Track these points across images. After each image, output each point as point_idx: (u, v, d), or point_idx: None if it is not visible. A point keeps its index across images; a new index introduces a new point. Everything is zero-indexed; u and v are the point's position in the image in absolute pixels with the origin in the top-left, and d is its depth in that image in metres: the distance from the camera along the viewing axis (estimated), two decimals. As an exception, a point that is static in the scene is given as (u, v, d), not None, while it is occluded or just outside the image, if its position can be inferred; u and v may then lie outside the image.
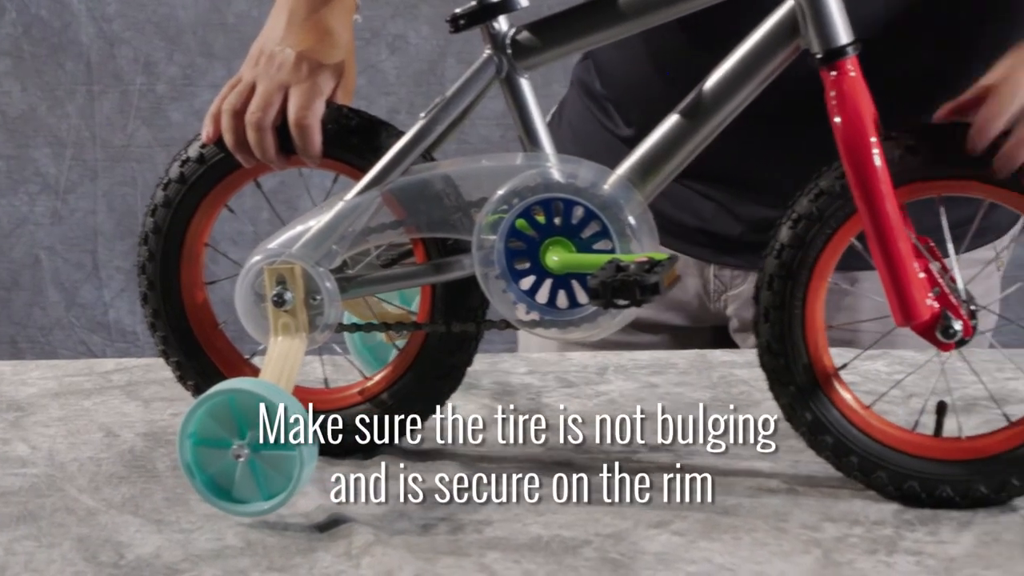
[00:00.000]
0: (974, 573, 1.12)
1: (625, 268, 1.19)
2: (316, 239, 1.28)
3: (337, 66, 1.33)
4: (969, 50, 1.46)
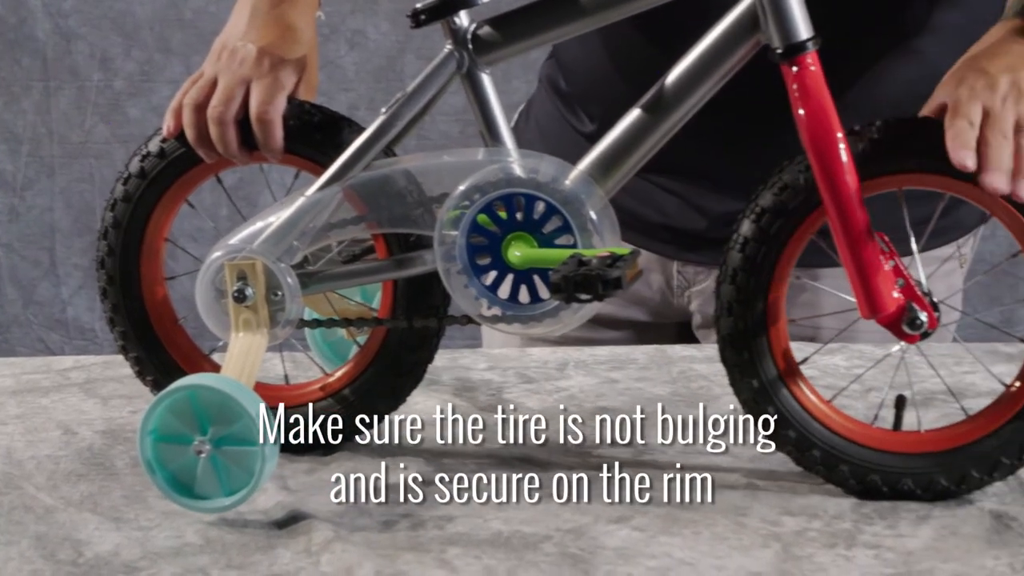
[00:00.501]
0: (932, 566, 1.13)
1: (587, 263, 1.19)
2: (277, 235, 1.28)
3: (299, 61, 1.33)
4: (922, 48, 1.47)
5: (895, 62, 1.47)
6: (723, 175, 1.53)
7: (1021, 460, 1.23)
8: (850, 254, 1.20)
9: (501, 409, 1.44)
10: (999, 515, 1.20)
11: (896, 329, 1.22)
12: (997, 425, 1.23)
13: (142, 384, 1.38)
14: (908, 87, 1.43)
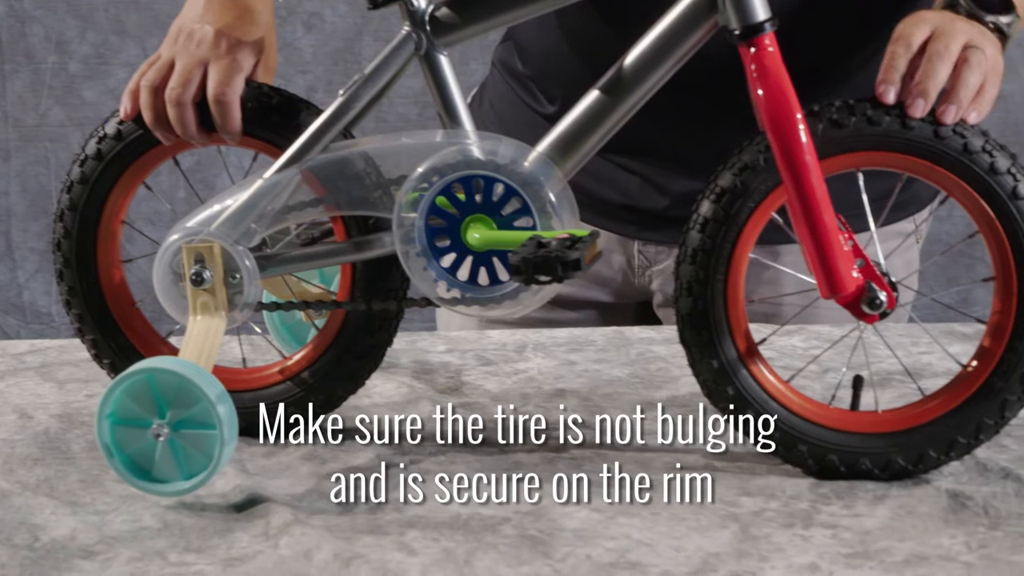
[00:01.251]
0: (889, 545, 1.13)
1: (546, 245, 1.19)
2: (235, 217, 1.27)
3: (257, 43, 1.32)
4: (879, 32, 1.47)
5: (850, 44, 1.47)
6: (683, 154, 1.54)
7: (977, 439, 1.24)
8: (810, 234, 1.20)
9: (458, 392, 1.44)
10: (955, 494, 1.21)
11: (855, 309, 1.22)
12: (953, 405, 1.24)
13: (99, 367, 1.38)
14: (870, 72, 1.44)
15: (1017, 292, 1.21)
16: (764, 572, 1.10)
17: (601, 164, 1.24)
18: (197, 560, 1.12)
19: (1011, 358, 1.22)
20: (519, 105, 1.61)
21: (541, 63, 1.59)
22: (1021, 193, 1.20)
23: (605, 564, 1.11)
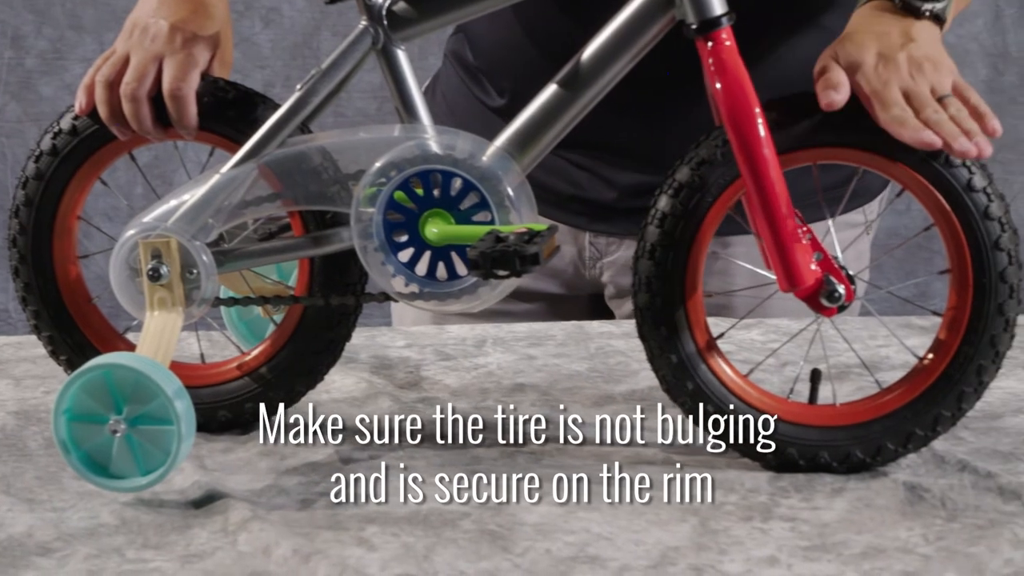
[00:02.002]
0: (847, 538, 1.14)
1: (504, 239, 1.19)
2: (192, 212, 1.27)
3: (212, 38, 1.31)
4: (829, 24, 1.48)
5: (804, 39, 1.48)
6: (632, 147, 1.54)
7: (935, 431, 1.24)
8: (769, 228, 1.20)
9: (418, 387, 1.44)
10: (913, 486, 1.21)
11: (814, 302, 1.23)
12: (911, 397, 1.24)
13: (55, 364, 1.37)
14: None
15: (973, 284, 1.22)
16: (723, 565, 1.10)
17: (549, 157, 1.24)
18: (155, 557, 1.12)
19: (967, 350, 1.23)
20: (469, 97, 1.61)
21: (492, 55, 1.59)
22: (975, 185, 1.21)
23: (565, 558, 1.11)
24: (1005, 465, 1.25)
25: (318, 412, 1.35)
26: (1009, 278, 1.22)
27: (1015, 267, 1.22)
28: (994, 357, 1.23)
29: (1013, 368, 1.46)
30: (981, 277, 1.22)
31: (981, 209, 1.21)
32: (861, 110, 1.21)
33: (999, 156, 2.87)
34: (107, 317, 1.37)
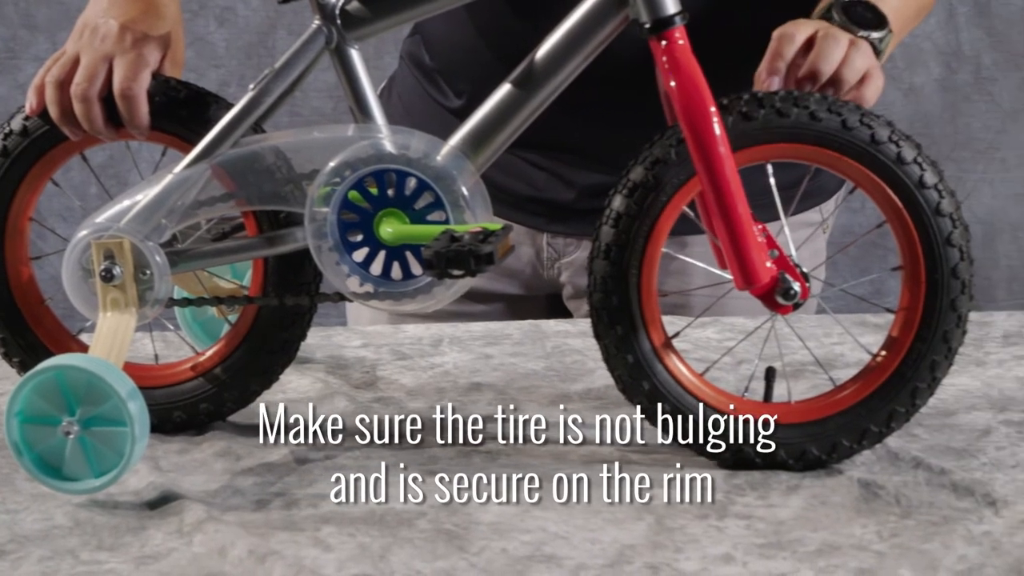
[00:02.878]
0: (802, 535, 1.14)
1: (459, 238, 1.19)
2: (145, 213, 1.26)
3: (163, 37, 1.31)
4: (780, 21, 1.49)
5: (758, 43, 1.48)
6: (589, 148, 1.54)
7: (889, 428, 1.25)
8: (725, 226, 1.21)
9: (374, 386, 1.44)
10: (867, 484, 1.22)
11: (769, 300, 1.23)
12: (865, 394, 1.25)
13: (8, 366, 1.36)
14: None
15: (925, 281, 1.22)
16: (679, 563, 1.10)
17: (506, 157, 1.24)
18: (109, 558, 1.11)
19: (920, 347, 1.23)
20: (425, 98, 1.61)
21: (448, 57, 1.59)
22: (927, 182, 1.22)
23: (521, 557, 1.11)
24: (958, 462, 1.26)
25: (278, 412, 1.35)
26: (961, 274, 1.22)
27: (967, 263, 1.22)
28: (947, 353, 1.24)
29: (966, 365, 1.47)
30: (933, 273, 1.22)
31: (932, 206, 1.22)
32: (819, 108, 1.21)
33: (952, 154, 2.89)
34: (60, 318, 1.37)
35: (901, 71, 2.83)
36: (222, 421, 1.34)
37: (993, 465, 1.25)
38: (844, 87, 1.27)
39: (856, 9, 1.31)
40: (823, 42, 1.27)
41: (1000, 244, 2.94)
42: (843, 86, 1.27)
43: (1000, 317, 1.62)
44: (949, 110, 2.86)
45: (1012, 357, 1.50)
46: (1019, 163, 2.92)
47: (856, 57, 1.27)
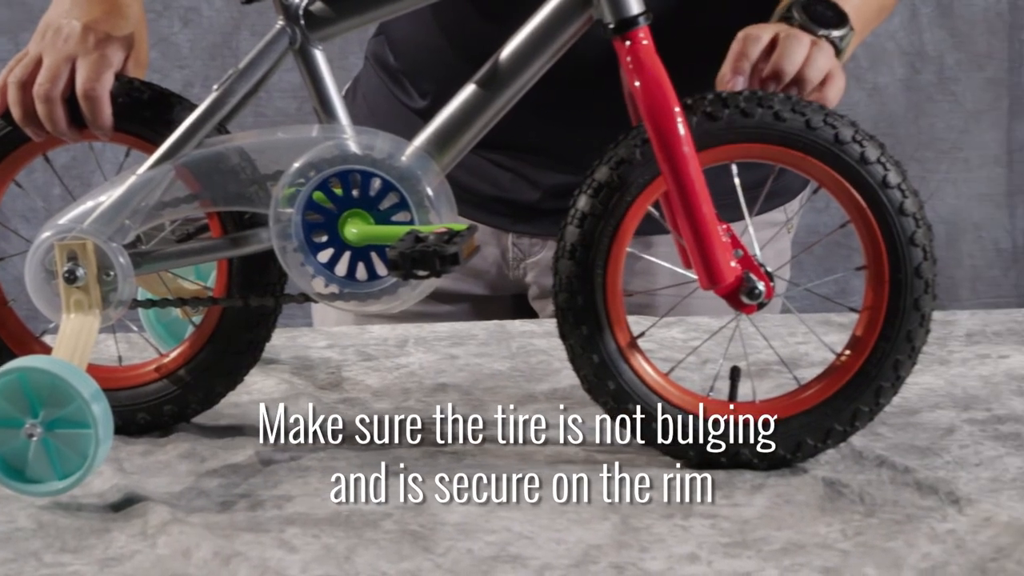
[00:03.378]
0: (767, 534, 1.14)
1: (424, 239, 1.19)
2: (108, 214, 1.26)
3: (126, 38, 1.31)
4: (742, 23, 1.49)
5: (719, 43, 1.49)
6: (553, 148, 1.54)
7: (853, 427, 1.25)
8: (689, 226, 1.21)
9: (339, 387, 1.44)
10: (831, 482, 1.22)
11: (734, 300, 1.23)
12: (829, 393, 1.25)
13: (-29, 368, 1.36)
14: None
15: (889, 281, 1.23)
16: (644, 563, 1.10)
17: (471, 158, 1.25)
18: (73, 561, 1.11)
19: (884, 346, 1.24)
20: (390, 98, 1.61)
21: (413, 57, 1.59)
22: (890, 182, 1.22)
23: (486, 557, 1.11)
24: (922, 460, 1.26)
25: (241, 414, 1.35)
26: (924, 273, 1.23)
27: (930, 263, 1.23)
28: (910, 352, 1.24)
29: (929, 364, 1.47)
30: (897, 273, 1.23)
31: (896, 205, 1.22)
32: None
33: (916, 154, 2.90)
34: (23, 320, 1.36)
35: (865, 71, 2.84)
36: (187, 423, 1.34)
37: (957, 463, 1.26)
38: (807, 87, 1.28)
39: (816, 8, 1.32)
40: (786, 42, 1.28)
41: (963, 244, 2.95)
42: (806, 86, 1.28)
43: (963, 316, 1.63)
44: (913, 110, 2.87)
45: (975, 356, 1.51)
46: (982, 163, 2.94)
47: (819, 57, 1.28)
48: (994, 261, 2.96)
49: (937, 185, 2.92)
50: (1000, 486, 1.21)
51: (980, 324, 1.60)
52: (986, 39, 2.89)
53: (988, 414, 1.36)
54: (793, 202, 1.63)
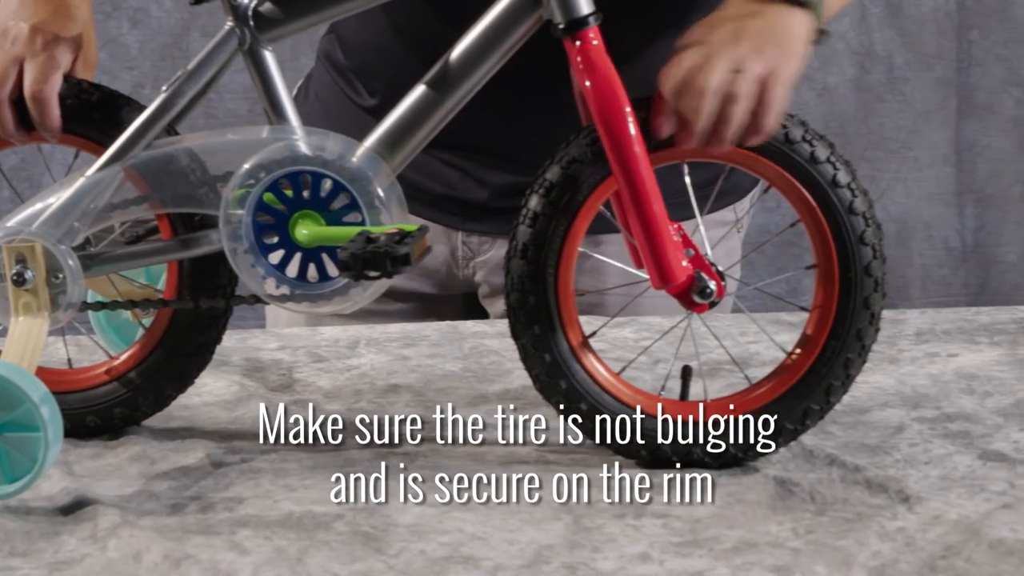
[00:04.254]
0: (718, 533, 1.15)
1: (375, 240, 1.19)
2: (57, 216, 1.25)
3: (74, 39, 1.30)
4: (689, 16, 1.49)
5: (667, 38, 1.49)
6: (501, 148, 1.54)
7: (804, 426, 1.26)
8: (641, 225, 1.21)
9: (291, 389, 1.44)
10: (783, 481, 1.23)
11: (685, 299, 1.24)
12: (780, 392, 1.26)
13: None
14: None
15: (838, 279, 1.24)
16: (596, 563, 1.11)
17: (420, 157, 1.24)
18: (23, 564, 1.10)
19: (834, 345, 1.24)
20: (341, 97, 1.61)
21: (363, 56, 1.59)
22: (840, 181, 1.23)
23: (439, 559, 1.11)
24: (872, 458, 1.27)
25: (191, 417, 1.34)
26: (874, 272, 1.23)
27: (880, 261, 1.24)
28: (860, 351, 1.25)
29: (879, 362, 1.48)
30: (846, 272, 1.23)
31: (846, 204, 1.23)
32: None
33: (867, 154, 2.92)
34: (-28, 323, 1.35)
35: (815, 71, 2.85)
36: (137, 425, 1.33)
37: (906, 462, 1.27)
38: (723, 143, 1.22)
39: None
40: (693, 107, 1.21)
41: (914, 242, 2.97)
42: (724, 141, 1.22)
43: (913, 315, 1.63)
44: (862, 110, 2.88)
45: (925, 354, 1.51)
46: (932, 162, 2.96)
47: (733, 107, 1.21)
48: (944, 260, 2.98)
49: (887, 184, 2.93)
50: (949, 484, 1.22)
51: (930, 323, 1.60)
52: (935, 39, 2.90)
53: (937, 412, 1.37)
54: (743, 201, 1.63)
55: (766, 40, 1.23)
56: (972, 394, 1.41)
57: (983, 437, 1.31)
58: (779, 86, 1.22)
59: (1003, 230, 2.98)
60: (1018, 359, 1.50)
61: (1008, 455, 1.28)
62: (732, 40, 1.23)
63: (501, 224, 1.24)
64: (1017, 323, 1.59)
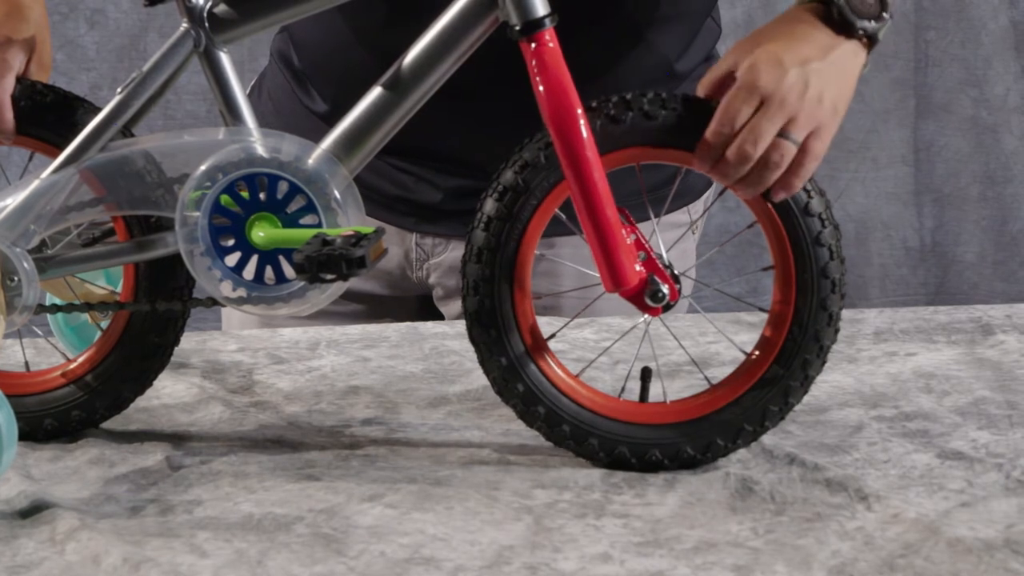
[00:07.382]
0: (679, 533, 1.15)
1: (331, 242, 1.19)
2: (12, 218, 1.25)
3: (27, 41, 1.29)
4: (650, 38, 1.49)
5: (627, 50, 1.49)
6: (454, 151, 1.54)
7: (763, 426, 1.26)
8: (593, 229, 1.21)
9: (250, 390, 1.43)
10: (743, 480, 1.23)
11: (639, 302, 1.24)
12: (739, 393, 1.26)
13: None
14: (640, 75, 1.46)
15: (795, 280, 1.24)
16: (557, 563, 1.11)
17: (375, 162, 1.24)
18: (-21, 570, 1.10)
19: (791, 346, 1.24)
20: (294, 98, 1.60)
21: (316, 58, 1.58)
22: (797, 183, 1.23)
23: (400, 560, 1.11)
24: (832, 458, 1.27)
25: (150, 419, 1.34)
26: (831, 273, 1.24)
27: (837, 262, 1.24)
28: (819, 351, 1.25)
29: (838, 362, 1.48)
30: (803, 273, 1.24)
31: (801, 205, 1.23)
32: (687, 111, 1.22)
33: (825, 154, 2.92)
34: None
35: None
36: (95, 428, 1.33)
37: (865, 461, 1.27)
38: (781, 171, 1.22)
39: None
40: (739, 163, 1.21)
41: (872, 242, 2.98)
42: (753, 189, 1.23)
43: (871, 314, 1.64)
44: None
45: (883, 354, 1.52)
46: (890, 162, 2.97)
47: (768, 174, 1.21)
48: (902, 259, 2.99)
49: (846, 184, 2.94)
50: (908, 483, 1.23)
51: (888, 322, 1.61)
52: (892, 39, 2.91)
53: (896, 411, 1.37)
54: (697, 203, 1.63)
55: (825, 92, 1.22)
56: (930, 393, 1.42)
57: (941, 436, 1.32)
58: (820, 147, 1.22)
59: (961, 229, 3.00)
60: (976, 358, 1.51)
61: (966, 454, 1.28)
62: (794, 93, 1.21)
63: (455, 226, 1.24)
64: (975, 322, 1.60)
